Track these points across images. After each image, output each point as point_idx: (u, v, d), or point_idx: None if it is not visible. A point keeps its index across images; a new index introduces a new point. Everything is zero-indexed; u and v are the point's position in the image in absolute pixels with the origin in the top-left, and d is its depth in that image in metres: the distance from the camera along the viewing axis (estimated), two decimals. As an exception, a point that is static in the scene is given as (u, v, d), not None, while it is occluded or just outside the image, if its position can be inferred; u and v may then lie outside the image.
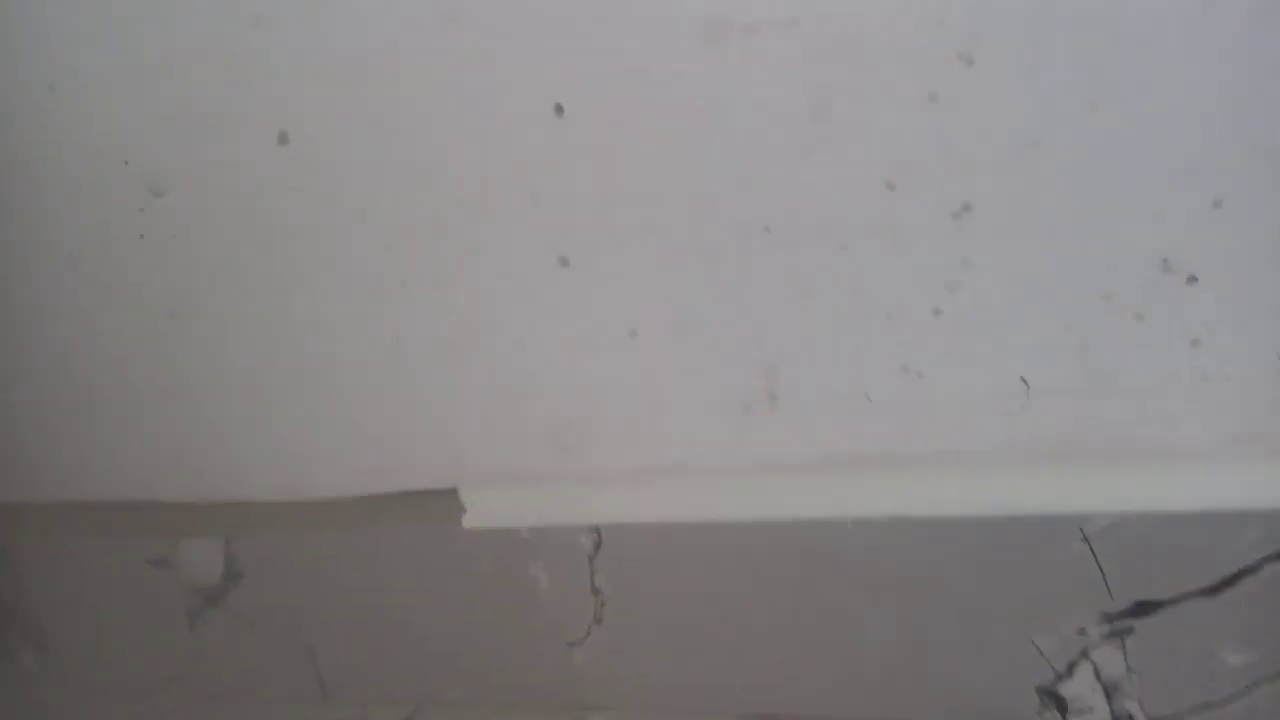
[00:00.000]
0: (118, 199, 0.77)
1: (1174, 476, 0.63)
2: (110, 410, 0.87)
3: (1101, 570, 0.67)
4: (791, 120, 0.62)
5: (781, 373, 0.69)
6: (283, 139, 0.71)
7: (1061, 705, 0.73)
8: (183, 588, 0.92)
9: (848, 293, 0.65)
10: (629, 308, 0.69)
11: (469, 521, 0.80)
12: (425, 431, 0.80)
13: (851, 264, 0.64)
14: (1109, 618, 0.68)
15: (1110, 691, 0.71)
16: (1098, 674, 0.71)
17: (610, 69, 0.64)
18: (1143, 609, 0.68)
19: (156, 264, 0.78)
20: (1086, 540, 0.67)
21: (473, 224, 0.70)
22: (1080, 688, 0.72)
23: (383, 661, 0.90)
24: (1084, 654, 0.71)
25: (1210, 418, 0.61)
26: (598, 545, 0.77)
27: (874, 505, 0.70)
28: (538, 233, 0.68)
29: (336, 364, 0.79)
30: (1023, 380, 0.63)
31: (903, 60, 0.59)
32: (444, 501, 0.83)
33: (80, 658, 0.99)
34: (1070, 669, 0.72)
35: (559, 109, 0.65)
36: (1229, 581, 0.65)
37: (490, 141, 0.68)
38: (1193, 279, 0.59)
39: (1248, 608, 0.64)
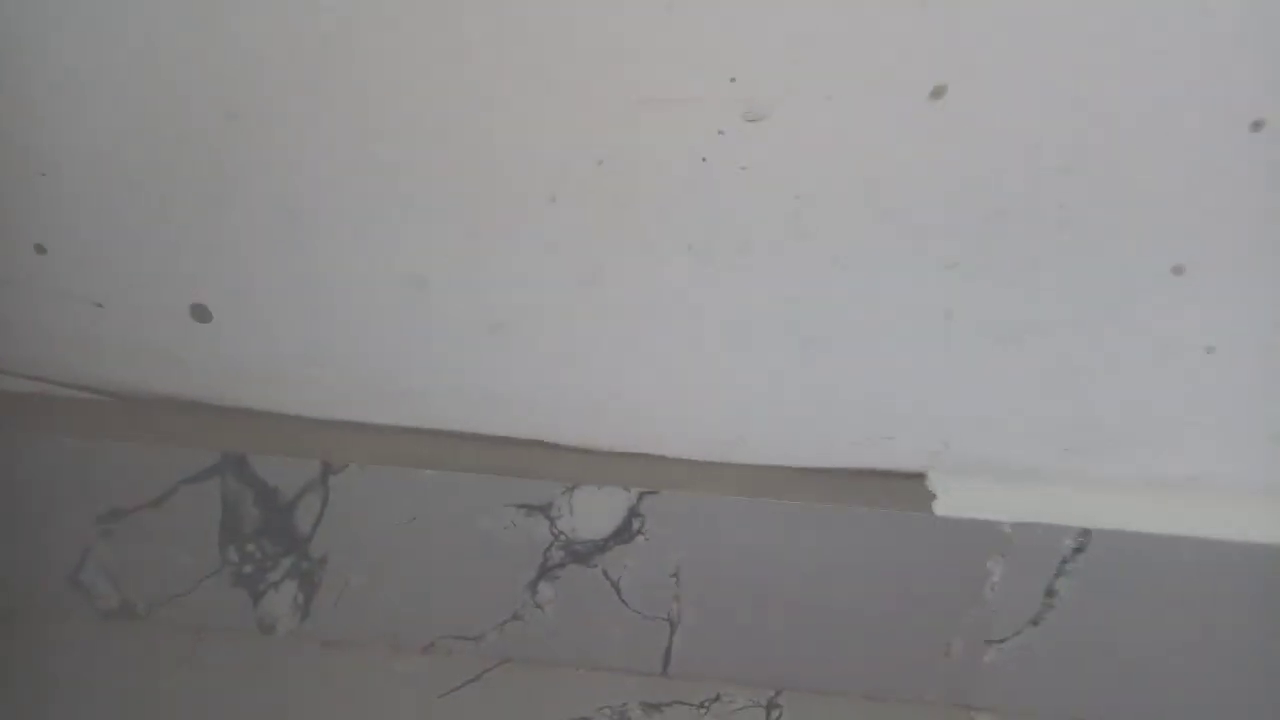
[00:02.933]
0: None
1: None
2: (523, 333, 0.72)
3: None
4: None
5: (1344, 408, 0.66)
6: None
7: None
8: (547, 541, 0.76)
9: None
10: (1226, 322, 0.64)
11: (942, 509, 0.71)
12: (908, 410, 0.71)
13: None
14: None
15: None
16: None
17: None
18: None
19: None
20: None
21: (1103, 217, 0.63)
22: None
23: (744, 641, 0.79)
24: None
25: None
26: (1079, 549, 0.71)
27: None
28: (1157, 238, 0.62)
29: (839, 328, 0.69)
30: None
31: None
32: (904, 485, 0.74)
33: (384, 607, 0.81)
34: None
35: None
36: None
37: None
38: None
39: None
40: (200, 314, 0.74)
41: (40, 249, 0.72)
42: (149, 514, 0.79)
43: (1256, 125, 0.57)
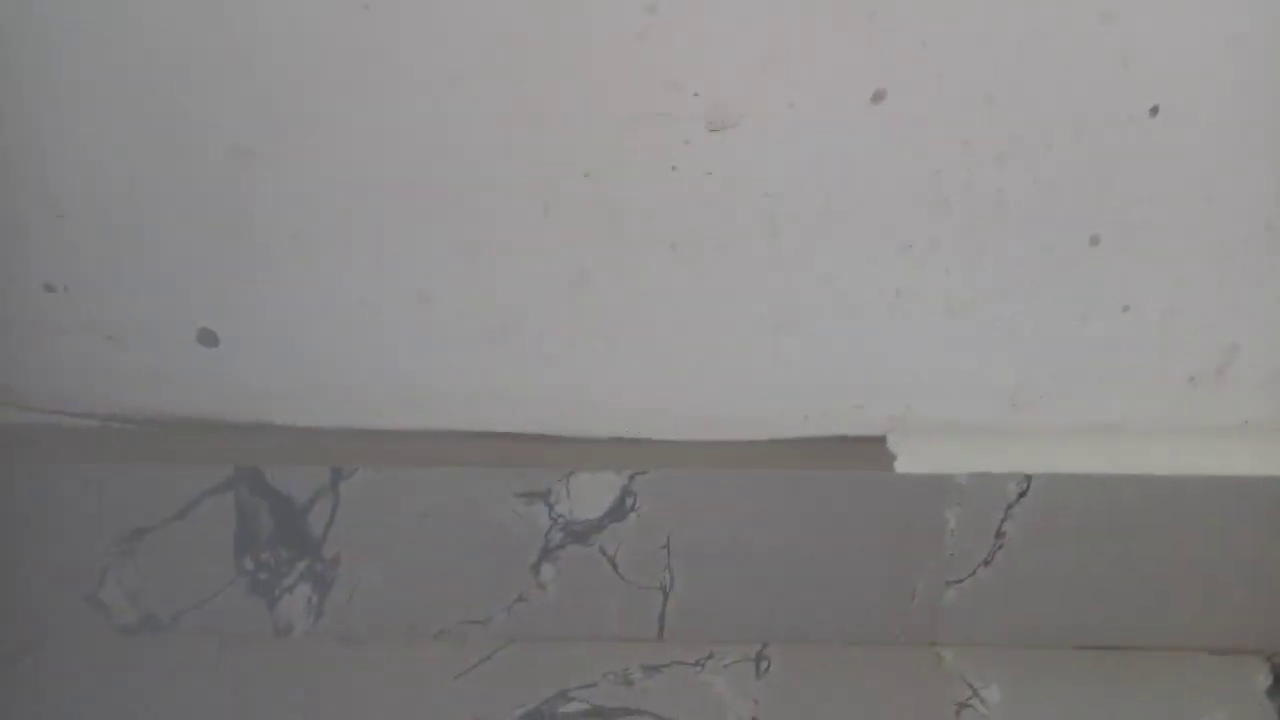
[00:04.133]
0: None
1: None
2: (521, 336, 0.77)
3: None
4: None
5: (1239, 352, 0.75)
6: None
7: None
8: (547, 525, 0.81)
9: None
10: (1138, 285, 0.73)
11: (903, 466, 0.78)
12: (873, 380, 0.78)
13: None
14: None
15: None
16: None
17: None
18: None
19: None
20: None
21: (1033, 198, 0.70)
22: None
23: (730, 602, 0.85)
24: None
25: None
26: (1023, 493, 0.78)
27: (1276, 466, 0.77)
28: (1076, 214, 0.70)
29: (807, 312, 0.75)
30: None
31: None
32: (868, 448, 0.80)
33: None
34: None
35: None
36: None
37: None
38: None
39: None
40: (207, 338, 0.76)
41: (49, 287, 0.73)
42: (165, 531, 0.81)
43: (1154, 111, 0.65)
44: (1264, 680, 0.82)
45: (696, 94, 0.66)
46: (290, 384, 0.78)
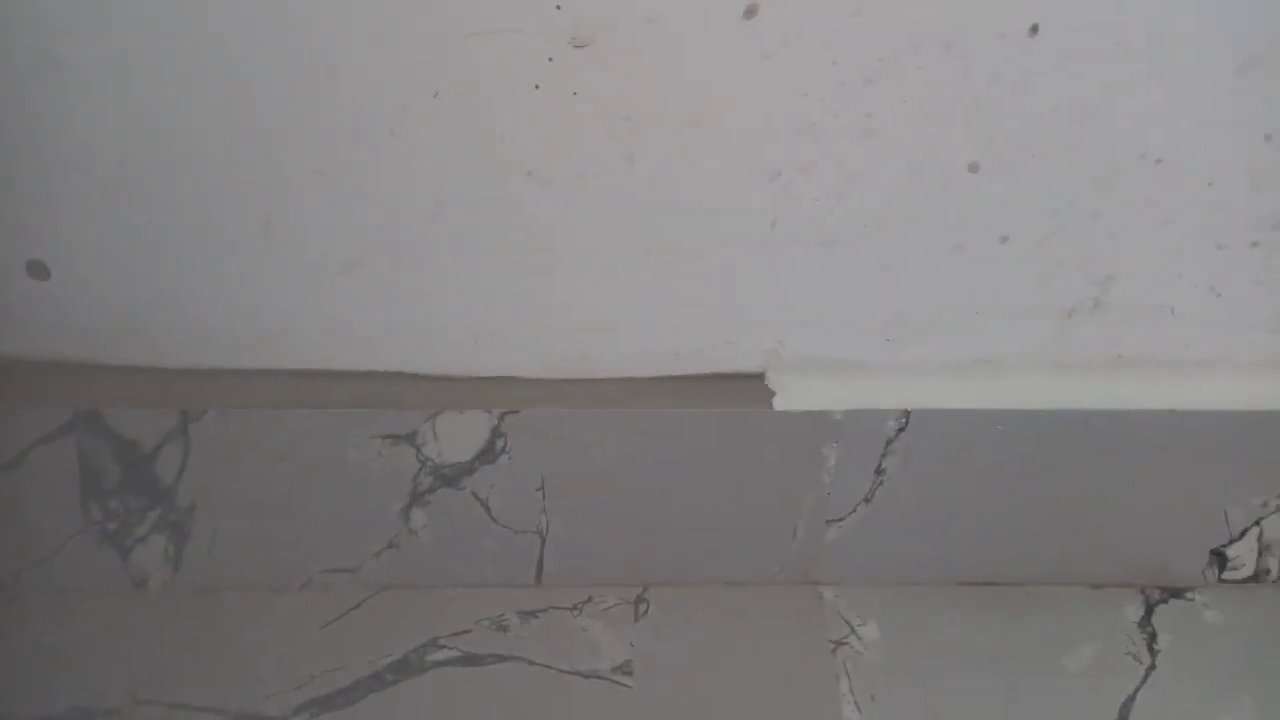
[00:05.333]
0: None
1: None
2: (374, 269, 0.72)
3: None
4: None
5: (1116, 284, 0.73)
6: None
7: (1222, 562, 0.82)
8: (415, 468, 0.77)
9: (1200, 226, 0.71)
10: (1014, 214, 0.70)
11: (781, 404, 0.75)
12: (744, 315, 0.75)
13: (1212, 197, 0.70)
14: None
15: (1263, 551, 0.82)
16: (1260, 537, 0.81)
17: None
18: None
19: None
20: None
21: (905, 123, 0.67)
22: (1242, 549, 0.82)
23: (609, 544, 0.82)
24: (1257, 522, 0.81)
25: None
26: (902, 429, 0.76)
27: (1150, 400, 0.75)
28: (958, 140, 0.67)
29: (675, 238, 0.71)
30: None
31: None
32: (746, 385, 0.77)
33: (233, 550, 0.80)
34: (1242, 534, 0.81)
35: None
36: None
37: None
38: None
39: None
40: (37, 270, 0.70)
41: None
42: (1, 479, 0.75)
43: (1033, 30, 0.62)
44: (1136, 611, 0.81)
45: (558, 6, 0.61)
46: (124, 320, 0.72)
